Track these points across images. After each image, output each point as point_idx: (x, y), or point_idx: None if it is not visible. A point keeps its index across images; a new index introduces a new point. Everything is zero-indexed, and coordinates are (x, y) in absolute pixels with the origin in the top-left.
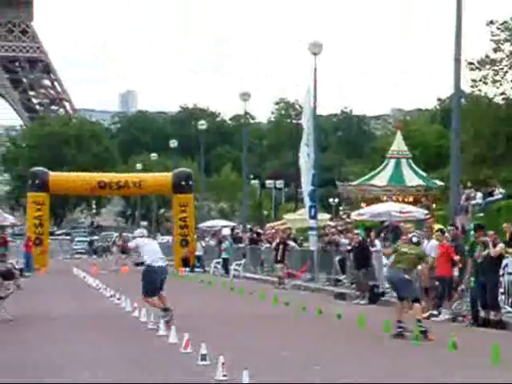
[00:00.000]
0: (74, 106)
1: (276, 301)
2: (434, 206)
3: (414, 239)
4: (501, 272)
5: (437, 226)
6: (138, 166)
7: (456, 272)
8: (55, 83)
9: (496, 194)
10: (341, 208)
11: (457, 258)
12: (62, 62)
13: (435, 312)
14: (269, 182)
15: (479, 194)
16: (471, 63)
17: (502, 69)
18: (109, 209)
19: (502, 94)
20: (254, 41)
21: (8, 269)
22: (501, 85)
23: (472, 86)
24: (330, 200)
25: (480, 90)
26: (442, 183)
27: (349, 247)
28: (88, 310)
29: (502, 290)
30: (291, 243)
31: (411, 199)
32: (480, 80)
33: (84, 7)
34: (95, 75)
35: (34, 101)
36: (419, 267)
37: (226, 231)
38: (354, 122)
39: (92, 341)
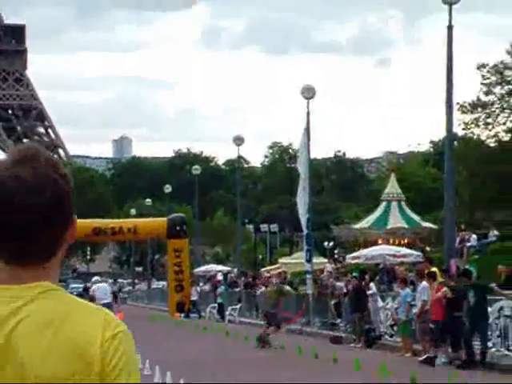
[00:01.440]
0: (69, 153)
1: (271, 345)
2: (428, 248)
3: None
4: (496, 315)
5: (431, 269)
6: (132, 211)
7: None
8: (49, 130)
9: (490, 237)
10: (336, 251)
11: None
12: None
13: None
14: (263, 226)
15: (474, 236)
16: (463, 106)
17: (494, 111)
18: (103, 255)
19: (495, 136)
20: (249, 89)
21: None
22: (493, 127)
23: (464, 129)
24: (325, 244)
25: (472, 133)
26: (434, 226)
27: (344, 290)
28: None
29: (497, 333)
30: (286, 287)
31: (406, 241)
32: (472, 123)
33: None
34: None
35: None
36: None
37: (221, 276)
38: (348, 165)
39: None
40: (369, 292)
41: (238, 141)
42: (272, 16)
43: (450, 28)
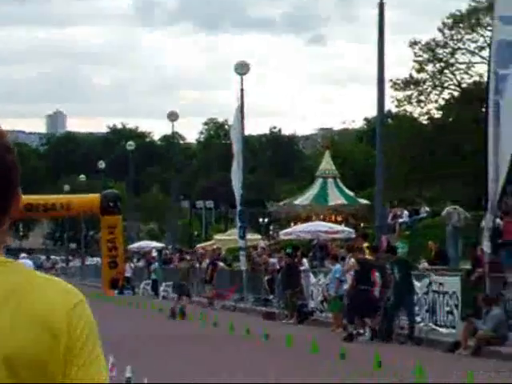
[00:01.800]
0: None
1: (204, 322)
2: (362, 224)
3: None
4: (424, 290)
5: (365, 245)
6: (66, 187)
7: (377, 292)
8: None
9: (422, 213)
10: (271, 227)
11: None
12: None
13: (361, 331)
14: (199, 203)
15: (406, 213)
16: (396, 83)
17: (426, 89)
18: (37, 231)
19: (427, 113)
20: (186, 64)
21: None
22: (425, 105)
23: (397, 106)
24: (260, 220)
25: (405, 110)
26: (368, 202)
27: (277, 267)
28: None
29: (426, 308)
30: (220, 263)
31: (339, 218)
32: (405, 100)
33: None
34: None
35: None
36: None
37: (155, 252)
38: (283, 141)
39: None
40: (301, 268)
41: (173, 116)
42: None
43: (381, 5)
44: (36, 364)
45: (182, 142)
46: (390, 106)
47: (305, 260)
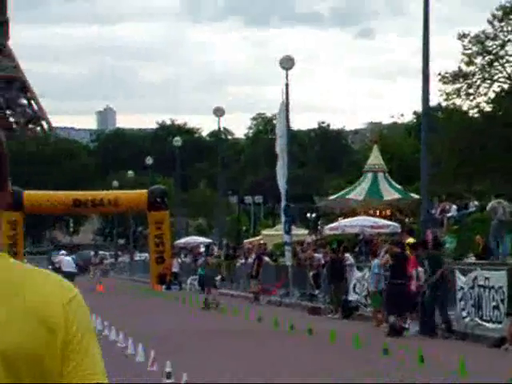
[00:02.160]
0: (52, 125)
1: (248, 317)
2: (412, 219)
3: None
4: (470, 284)
5: (409, 240)
6: (115, 183)
7: (413, 286)
8: (32, 102)
9: (471, 207)
10: (319, 223)
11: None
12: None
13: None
14: (247, 198)
15: (454, 207)
16: (444, 76)
17: (475, 82)
18: (87, 227)
19: (476, 107)
20: (234, 60)
21: None
22: (474, 98)
23: (446, 100)
24: (308, 215)
25: (454, 104)
26: (418, 196)
27: (322, 262)
28: None
29: (471, 303)
30: (266, 258)
31: (388, 213)
32: (454, 93)
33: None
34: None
35: (11, 119)
36: None
37: (203, 248)
38: (332, 136)
39: None
40: (346, 263)
41: (218, 112)
42: None
43: None
44: (32, 358)
45: (230, 137)
46: (438, 99)
47: (347, 255)
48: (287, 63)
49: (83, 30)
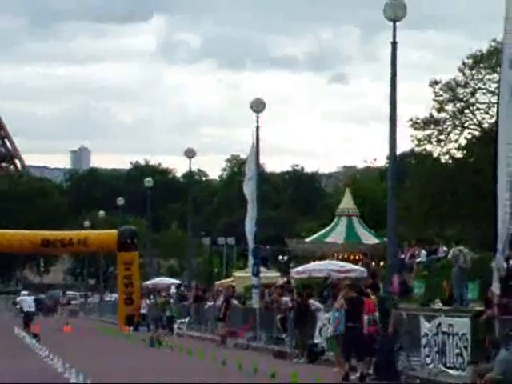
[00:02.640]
0: (25, 163)
1: (213, 360)
2: (383, 263)
3: None
4: (434, 331)
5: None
6: (86, 223)
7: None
8: (5, 140)
9: (440, 253)
10: (291, 265)
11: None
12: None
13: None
14: (220, 239)
15: (423, 252)
16: (416, 122)
17: (446, 128)
18: (58, 267)
19: (447, 153)
20: (208, 103)
21: None
22: (445, 144)
23: (417, 145)
24: (280, 258)
25: (425, 150)
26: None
27: (290, 305)
28: (17, 371)
29: (436, 349)
30: (234, 301)
31: (359, 257)
32: (425, 139)
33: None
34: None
35: None
36: None
37: (174, 289)
38: (306, 179)
39: None
40: (313, 307)
41: (190, 153)
42: (228, 31)
43: (394, 44)
44: None
45: (204, 178)
46: (409, 144)
47: (311, 301)
48: (258, 106)
49: (58, 69)
